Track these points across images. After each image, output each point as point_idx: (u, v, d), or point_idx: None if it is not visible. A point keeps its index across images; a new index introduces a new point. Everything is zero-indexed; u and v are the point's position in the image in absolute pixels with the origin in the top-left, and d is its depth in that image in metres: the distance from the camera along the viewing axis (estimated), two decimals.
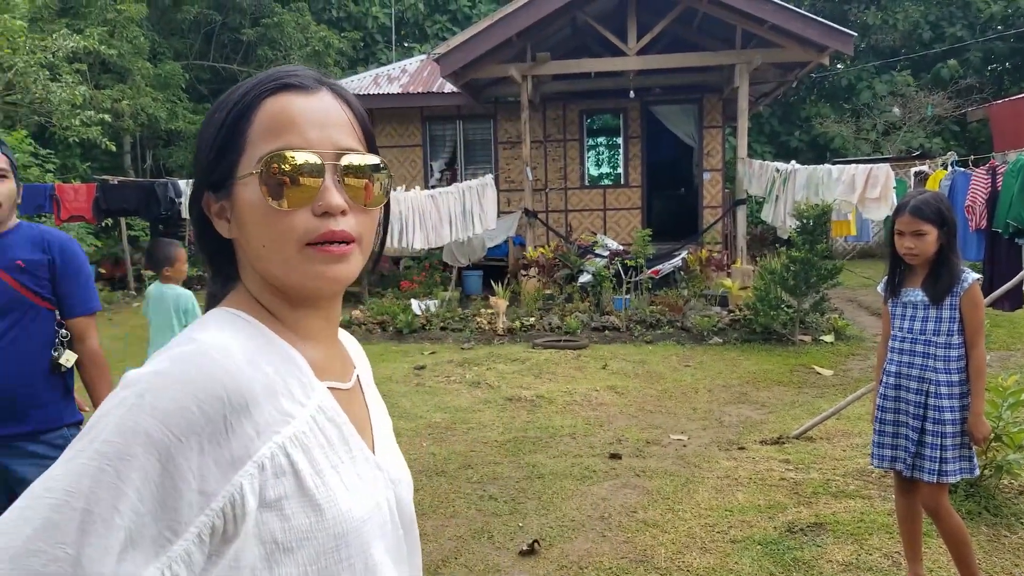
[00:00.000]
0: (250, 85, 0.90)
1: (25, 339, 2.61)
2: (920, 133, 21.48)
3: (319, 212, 0.86)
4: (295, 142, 0.86)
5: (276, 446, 0.80)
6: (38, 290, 2.64)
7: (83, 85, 14.53)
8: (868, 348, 8.92)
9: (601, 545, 4.03)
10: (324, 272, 0.87)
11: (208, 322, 0.87)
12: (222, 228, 0.91)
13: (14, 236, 2.63)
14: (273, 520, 0.79)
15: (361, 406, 1.01)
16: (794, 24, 10.60)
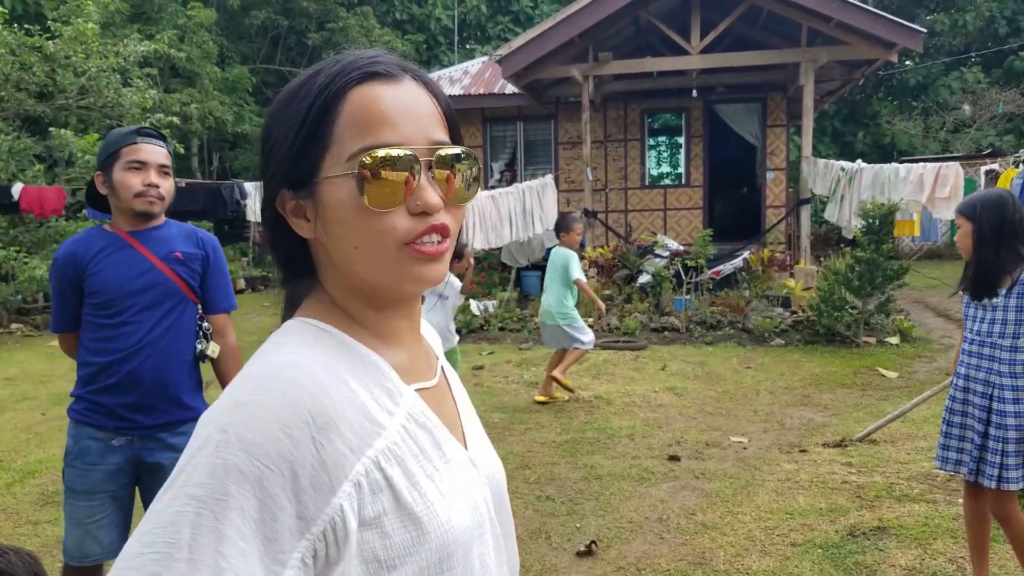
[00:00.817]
0: (332, 73, 0.83)
1: (177, 330, 2.68)
2: (991, 131, 20.80)
3: (417, 211, 0.82)
4: (390, 138, 0.81)
5: (370, 461, 0.77)
6: (192, 282, 2.73)
7: (153, 89, 15.00)
8: (934, 350, 8.70)
9: (659, 547, 4.03)
10: (420, 273, 0.83)
11: (284, 338, 0.84)
12: (301, 228, 0.86)
13: (169, 230, 2.73)
14: (374, 538, 0.77)
15: (449, 400, 0.98)
16: (861, 21, 10.38)
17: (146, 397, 2.61)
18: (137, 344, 2.59)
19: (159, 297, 2.64)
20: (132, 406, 2.60)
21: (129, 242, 2.64)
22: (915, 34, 10.47)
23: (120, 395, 2.58)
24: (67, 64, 13.09)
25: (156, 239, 2.68)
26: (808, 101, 11.08)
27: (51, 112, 14.21)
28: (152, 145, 2.62)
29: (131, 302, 2.60)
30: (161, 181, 2.62)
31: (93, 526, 2.61)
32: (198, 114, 17.57)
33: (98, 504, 2.61)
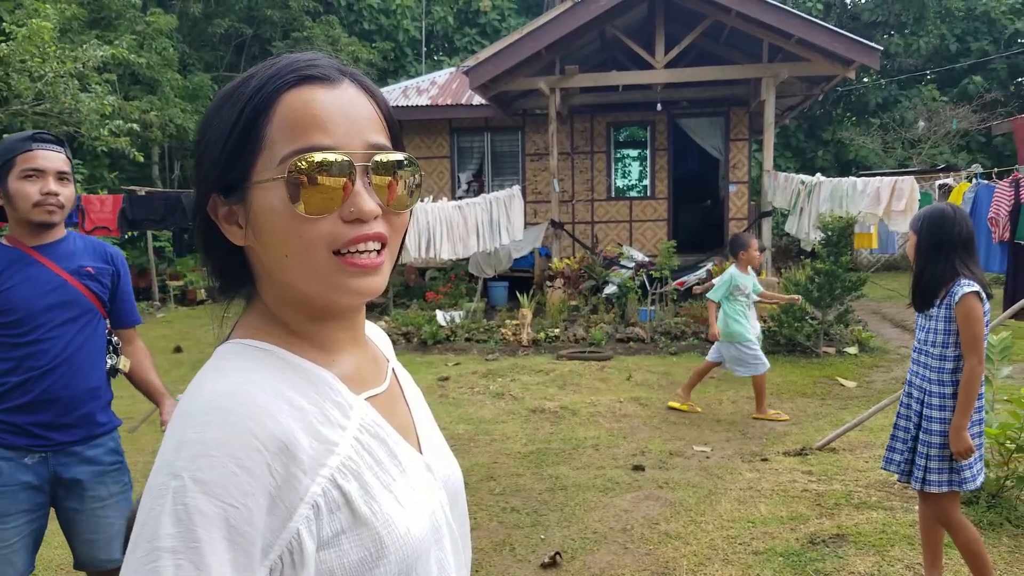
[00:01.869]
0: (266, 76, 0.81)
1: (88, 346, 2.64)
2: (946, 148, 21.33)
3: (350, 218, 0.79)
4: (324, 141, 0.78)
5: (326, 480, 0.76)
6: (102, 297, 2.69)
7: (112, 95, 14.76)
8: (892, 360, 8.88)
9: (623, 557, 4.07)
10: (353, 285, 0.80)
11: (221, 364, 0.81)
12: (234, 235, 0.83)
13: (74, 244, 2.66)
14: (332, 558, 0.75)
15: (401, 404, 0.96)
16: (821, 38, 10.61)
17: (60, 415, 2.55)
18: (52, 362, 2.53)
19: (73, 313, 2.60)
20: (46, 424, 2.53)
21: (36, 258, 2.55)
22: (872, 52, 10.72)
23: (34, 413, 2.52)
24: (22, 68, 12.85)
25: (63, 253, 2.61)
26: (769, 115, 11.28)
27: (6, 118, 13.93)
28: (49, 151, 2.53)
29: (44, 319, 2.53)
30: (60, 188, 2.53)
31: (7, 551, 2.51)
32: (158, 122, 17.30)
33: (12, 527, 2.51)
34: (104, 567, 2.68)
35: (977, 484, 3.26)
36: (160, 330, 12.74)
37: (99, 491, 2.64)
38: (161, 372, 10.27)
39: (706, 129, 14.24)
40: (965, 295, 3.12)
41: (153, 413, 7.06)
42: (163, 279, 16.28)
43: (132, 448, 6.19)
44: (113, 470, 2.71)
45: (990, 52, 22.86)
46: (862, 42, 10.81)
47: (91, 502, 2.62)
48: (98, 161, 17.18)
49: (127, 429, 6.68)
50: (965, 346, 3.15)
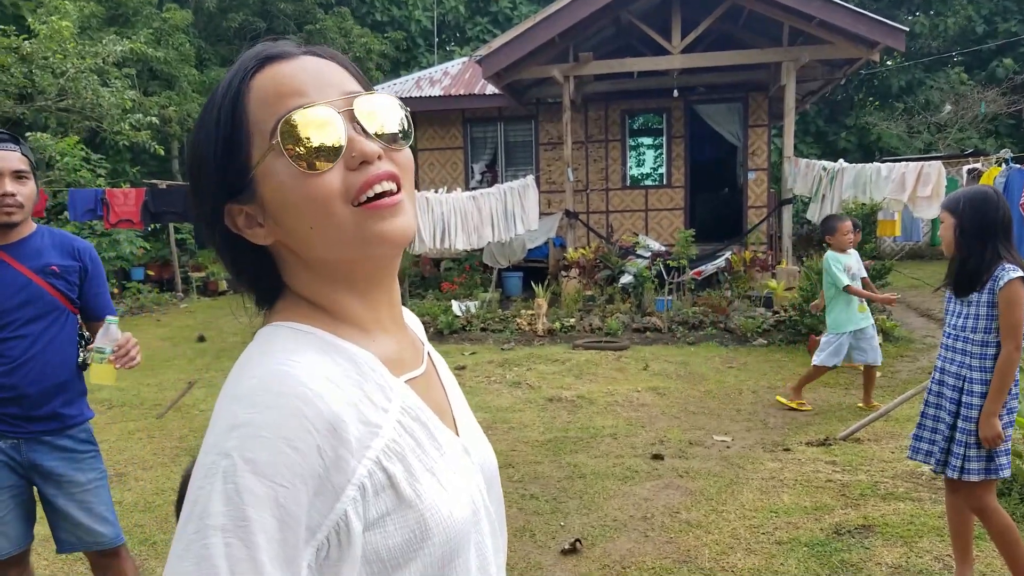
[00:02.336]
0: (232, 73, 0.82)
1: (58, 342, 2.70)
2: (973, 132, 20.97)
3: (355, 165, 0.78)
4: (300, 102, 0.78)
5: (372, 462, 0.76)
6: (69, 295, 2.73)
7: (132, 90, 14.85)
8: (917, 350, 8.72)
9: (644, 545, 3.99)
10: (382, 230, 0.79)
11: (265, 347, 0.80)
12: (257, 236, 0.82)
13: (41, 241, 2.69)
14: (377, 539, 0.75)
15: (438, 388, 0.96)
16: (843, 20, 10.40)
17: (30, 408, 2.63)
18: (19, 359, 2.60)
19: (39, 312, 2.64)
20: (16, 416, 2.62)
21: (2, 258, 2.60)
22: (897, 33, 10.51)
23: (4, 406, 2.60)
24: (45, 65, 12.94)
25: (29, 252, 2.64)
26: (790, 101, 11.09)
27: (30, 114, 14.05)
28: (4, 151, 2.54)
29: (11, 318, 2.59)
30: (18, 188, 2.55)
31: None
32: (177, 116, 17.44)
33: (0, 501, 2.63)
34: (90, 548, 2.79)
35: (1008, 473, 3.17)
36: (183, 320, 12.83)
37: (77, 477, 2.72)
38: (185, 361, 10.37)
39: (724, 115, 14.05)
40: (1011, 280, 3.03)
41: (180, 399, 7.13)
42: (185, 270, 16.45)
43: (160, 433, 6.23)
44: (88, 458, 2.79)
45: (1019, 33, 22.41)
46: (887, 23, 10.60)
47: (70, 487, 2.70)
48: (120, 156, 17.34)
49: (155, 415, 6.76)
50: (1005, 331, 3.05)
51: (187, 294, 15.84)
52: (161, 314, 13.63)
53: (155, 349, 10.21)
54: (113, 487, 4.43)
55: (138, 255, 15.48)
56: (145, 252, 15.77)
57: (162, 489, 5.05)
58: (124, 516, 4.51)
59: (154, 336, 11.24)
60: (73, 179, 13.43)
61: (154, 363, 9.23)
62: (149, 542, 4.25)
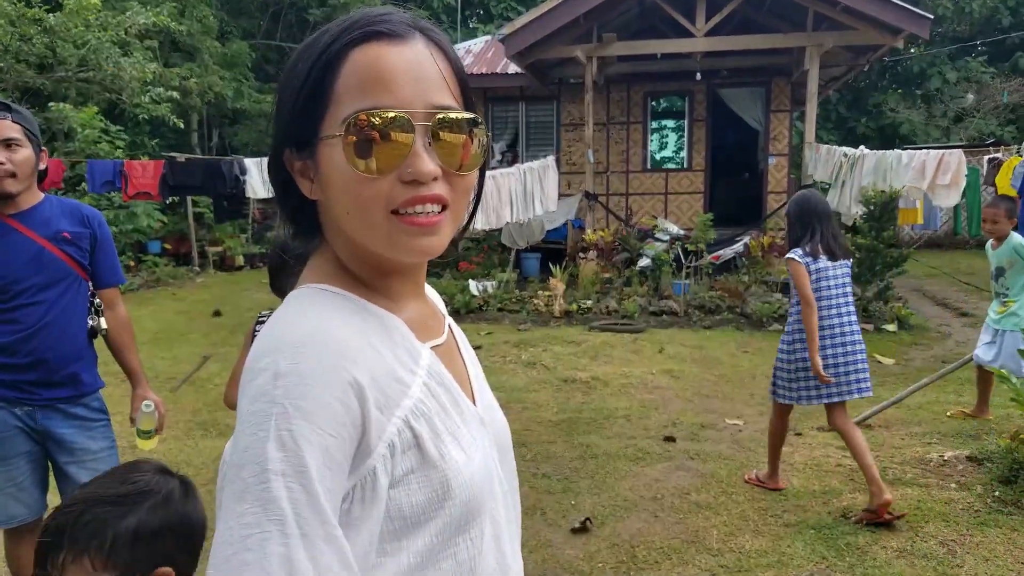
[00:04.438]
0: (335, 32, 0.81)
1: (71, 309, 2.72)
2: (993, 120, 20.71)
3: (408, 179, 0.78)
4: (384, 100, 0.77)
5: (400, 421, 0.78)
6: (82, 261, 2.74)
7: (153, 63, 14.88)
8: (932, 338, 8.71)
9: (653, 525, 4.06)
10: (409, 244, 0.80)
11: (303, 305, 0.82)
12: (305, 187, 0.84)
13: (51, 208, 2.71)
14: (401, 496, 0.77)
15: (458, 358, 0.98)
16: (868, 6, 10.30)
17: (47, 374, 2.66)
18: (35, 325, 2.62)
19: (53, 278, 2.66)
20: (33, 382, 2.65)
21: (13, 226, 2.61)
22: (922, 20, 10.40)
23: (22, 373, 2.63)
24: (67, 36, 12.99)
25: (40, 220, 2.65)
26: (812, 86, 11.02)
27: (51, 84, 14.12)
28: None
29: (25, 285, 2.61)
30: (9, 156, 2.53)
31: (15, 489, 2.68)
32: (198, 89, 17.41)
33: (16, 468, 2.67)
34: None
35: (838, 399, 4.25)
36: (200, 294, 12.94)
37: (89, 445, 2.75)
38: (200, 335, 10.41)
39: (746, 99, 13.96)
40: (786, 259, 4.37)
41: (194, 373, 7.23)
42: (202, 244, 16.51)
43: (175, 407, 6.31)
44: (100, 426, 2.82)
45: None
46: (912, 10, 10.50)
47: (82, 455, 2.74)
48: (139, 128, 17.38)
49: (169, 389, 6.86)
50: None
51: (203, 268, 15.92)
52: (177, 288, 13.75)
53: (170, 323, 10.34)
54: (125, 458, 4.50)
55: (155, 228, 15.52)
56: (163, 225, 15.83)
57: (174, 462, 5.12)
58: None
59: (170, 310, 11.38)
60: (92, 151, 13.49)
61: (169, 337, 9.36)
62: None
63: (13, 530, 2.76)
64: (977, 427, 5.40)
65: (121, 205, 14.19)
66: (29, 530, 2.79)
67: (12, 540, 2.80)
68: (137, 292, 12.99)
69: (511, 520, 0.96)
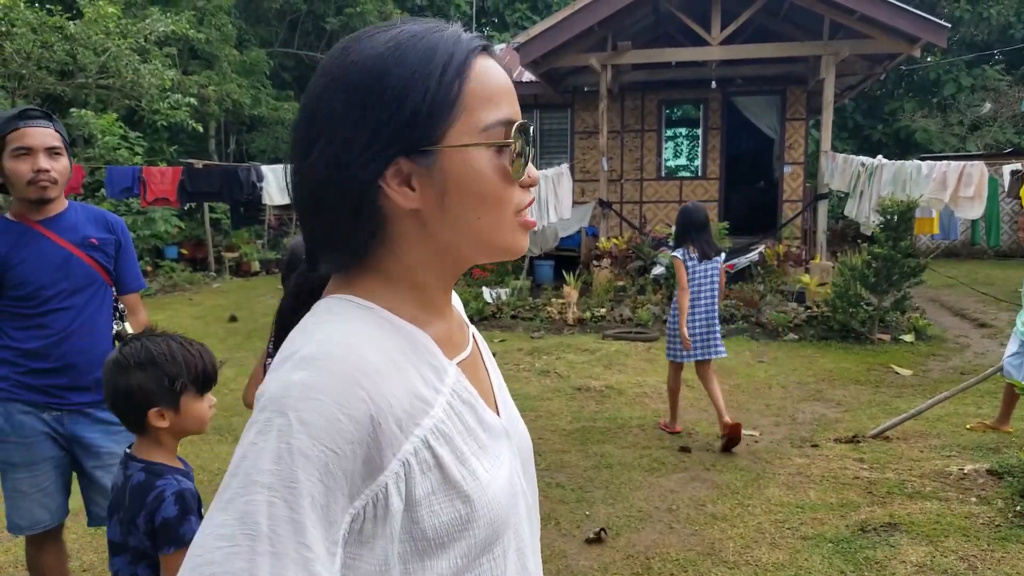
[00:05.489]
0: (452, 39, 0.81)
1: (98, 314, 2.77)
2: (1010, 129, 20.57)
3: (526, 184, 0.85)
4: (514, 111, 0.83)
5: (419, 440, 0.77)
6: (107, 266, 2.79)
7: (172, 70, 14.99)
8: (949, 349, 8.64)
9: (668, 536, 4.03)
10: (523, 242, 0.87)
11: (327, 316, 0.81)
12: (399, 195, 0.80)
13: (77, 215, 2.75)
14: (423, 517, 0.76)
15: (482, 369, 0.97)
16: (885, 14, 10.26)
17: (77, 379, 2.70)
18: (65, 330, 2.67)
19: (81, 284, 2.70)
20: (63, 387, 2.69)
21: (42, 232, 2.65)
22: (939, 29, 10.34)
23: (52, 377, 2.67)
24: (87, 44, 13.11)
25: (67, 226, 2.70)
26: (828, 95, 10.97)
27: (71, 91, 14.25)
28: (38, 128, 2.58)
29: (55, 291, 2.65)
30: (52, 164, 2.59)
31: (40, 495, 2.71)
32: (216, 96, 17.56)
33: (42, 473, 2.70)
34: None
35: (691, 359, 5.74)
36: (216, 300, 13.01)
37: (115, 449, 2.77)
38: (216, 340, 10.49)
39: (762, 108, 13.92)
40: (671, 256, 5.80)
41: None
42: (219, 250, 16.64)
43: None
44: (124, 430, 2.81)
45: None
46: (929, 19, 10.44)
47: (108, 458, 2.76)
48: (157, 134, 17.52)
49: None
50: None
51: (220, 274, 16.06)
52: (194, 293, 13.85)
53: (187, 328, 10.38)
54: None
55: (173, 234, 15.67)
56: (180, 231, 15.97)
57: (192, 465, 5.15)
58: None
59: (186, 315, 11.45)
60: (112, 157, 13.61)
61: None
62: None
63: (36, 537, 2.77)
64: (997, 440, 5.33)
65: (139, 211, 14.32)
66: (52, 536, 2.81)
67: (34, 546, 2.81)
68: (154, 297, 13.08)
69: (534, 532, 0.96)
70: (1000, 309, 10.71)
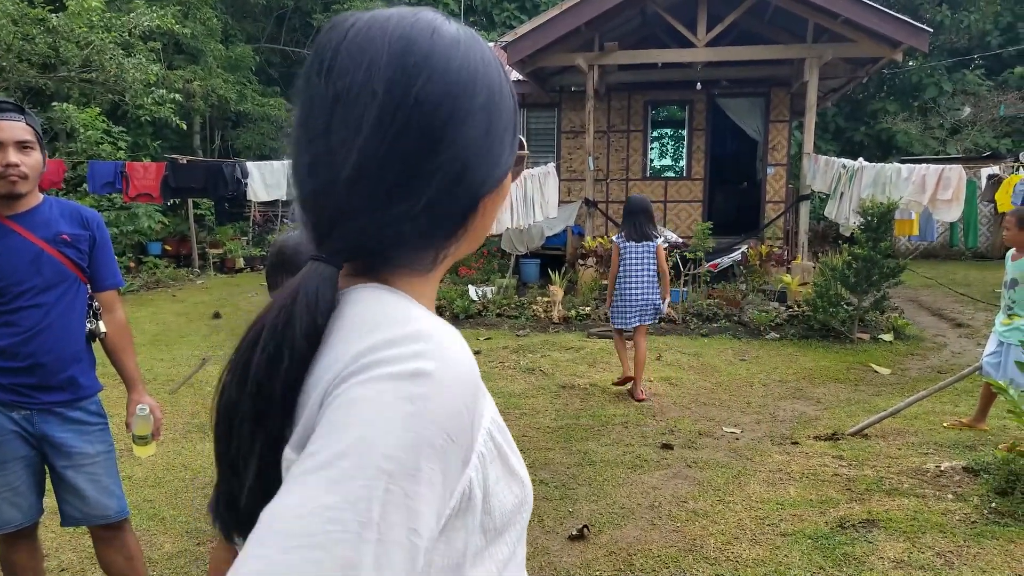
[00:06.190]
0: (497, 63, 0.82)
1: (70, 312, 2.70)
2: (989, 132, 20.81)
3: None
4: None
5: (486, 431, 0.76)
6: (80, 263, 2.72)
7: (156, 64, 14.89)
8: (927, 348, 8.76)
9: (650, 533, 4.08)
10: None
11: (405, 302, 0.77)
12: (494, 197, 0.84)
13: (50, 210, 2.68)
14: (495, 506, 0.77)
15: None
16: (868, 19, 10.37)
17: (46, 378, 2.63)
18: (34, 328, 2.60)
19: (52, 281, 2.63)
20: (32, 386, 2.62)
21: (12, 228, 2.58)
22: (921, 33, 10.47)
23: (20, 376, 2.60)
24: (70, 36, 13.02)
25: (39, 222, 2.63)
26: (812, 97, 11.08)
27: (53, 84, 14.14)
28: (7, 121, 2.50)
29: (24, 288, 2.58)
30: (21, 158, 2.52)
31: (11, 494, 2.65)
32: (201, 91, 17.47)
33: (12, 472, 2.64)
34: (96, 522, 2.79)
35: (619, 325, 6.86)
36: (199, 296, 12.95)
37: (86, 449, 2.72)
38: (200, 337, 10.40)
39: (746, 109, 14.02)
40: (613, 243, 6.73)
41: (193, 376, 7.25)
42: (203, 246, 16.55)
43: (172, 409, 6.33)
44: (97, 430, 2.79)
45: None
46: (911, 23, 10.56)
47: (79, 459, 2.71)
48: (141, 129, 17.40)
49: (168, 391, 6.87)
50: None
51: (204, 270, 15.97)
52: (177, 289, 13.76)
53: (170, 325, 10.35)
54: (123, 462, 4.46)
55: (156, 230, 15.58)
56: (163, 227, 15.88)
57: (172, 465, 5.14)
58: (134, 491, 4.58)
59: (169, 311, 11.39)
60: (94, 151, 13.51)
61: (168, 339, 9.37)
62: (158, 517, 4.32)
63: (9, 535, 2.72)
64: (974, 438, 5.43)
65: (122, 206, 14.21)
66: (25, 535, 2.76)
67: (8, 545, 2.76)
68: (137, 293, 13.00)
69: None
70: (977, 309, 10.86)
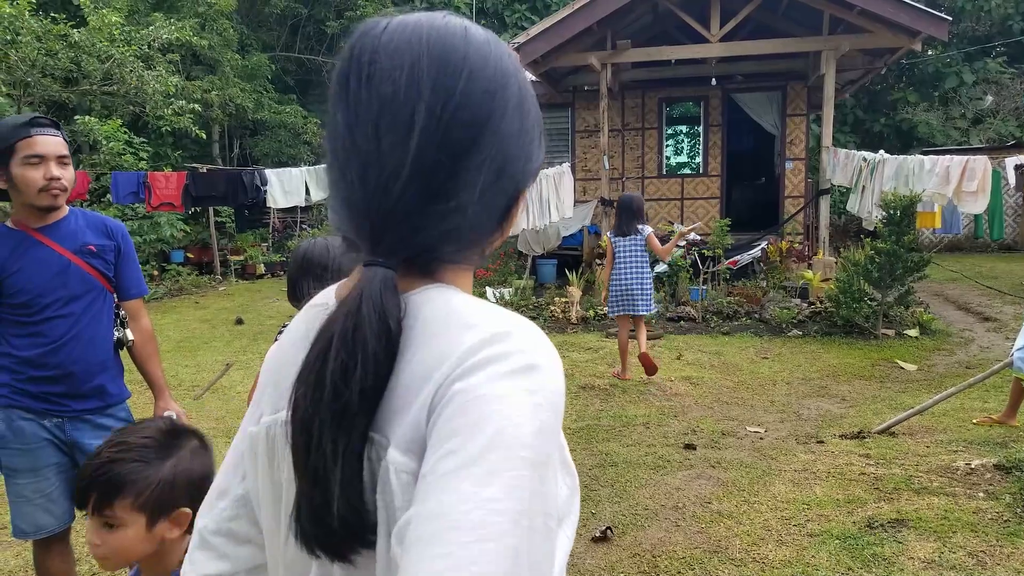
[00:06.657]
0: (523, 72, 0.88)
1: (97, 321, 2.77)
2: (1012, 121, 20.51)
3: None
4: None
5: None
6: (107, 273, 2.79)
7: (175, 76, 15.04)
8: (954, 343, 8.62)
9: (675, 534, 4.03)
10: None
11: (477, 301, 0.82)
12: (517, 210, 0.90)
13: (77, 222, 2.75)
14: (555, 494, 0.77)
15: None
16: (885, 8, 10.24)
17: (74, 386, 2.70)
18: (62, 338, 2.66)
19: (78, 291, 2.70)
20: (61, 394, 2.69)
21: (40, 239, 2.65)
22: (940, 22, 10.32)
23: (51, 385, 2.67)
24: (91, 51, 13.17)
25: (66, 233, 2.70)
26: (829, 90, 10.95)
27: (76, 98, 14.31)
28: (48, 136, 2.59)
29: (52, 299, 2.65)
30: (62, 172, 2.60)
31: (44, 500, 2.71)
32: (219, 101, 17.62)
33: (46, 479, 2.70)
34: None
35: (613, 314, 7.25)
36: (222, 303, 13.04)
37: None
38: (223, 343, 10.45)
39: (762, 104, 13.90)
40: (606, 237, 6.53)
41: (217, 381, 7.28)
42: (224, 254, 16.71)
43: (198, 415, 6.35)
44: None
45: None
46: (929, 12, 10.43)
47: None
48: (162, 140, 17.58)
49: (193, 396, 6.91)
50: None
51: (225, 277, 16.12)
52: (200, 296, 13.87)
53: (193, 331, 10.42)
54: None
55: (178, 238, 15.72)
56: (185, 235, 16.02)
57: None
58: None
59: (193, 318, 11.47)
60: (117, 162, 13.67)
61: (192, 345, 9.43)
62: None
63: (42, 541, 2.78)
64: (1004, 434, 5.32)
65: (145, 215, 14.36)
66: (58, 540, 2.81)
67: (42, 550, 2.83)
68: (161, 301, 13.12)
69: None
70: (1004, 303, 10.69)
